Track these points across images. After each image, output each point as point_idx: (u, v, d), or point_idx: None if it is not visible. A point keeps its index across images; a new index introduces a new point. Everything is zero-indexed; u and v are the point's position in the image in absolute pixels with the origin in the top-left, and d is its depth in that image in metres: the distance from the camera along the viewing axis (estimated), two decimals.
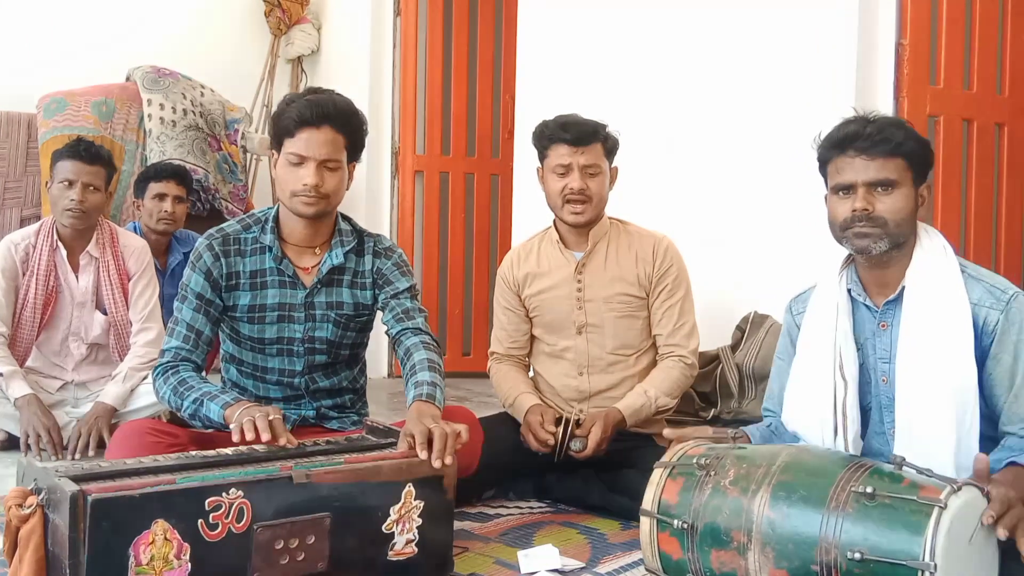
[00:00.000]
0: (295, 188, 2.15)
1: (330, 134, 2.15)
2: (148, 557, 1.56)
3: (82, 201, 2.99)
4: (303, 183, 2.14)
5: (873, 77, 2.99)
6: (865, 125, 1.89)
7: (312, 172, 2.14)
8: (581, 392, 2.62)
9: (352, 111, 2.22)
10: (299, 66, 5.27)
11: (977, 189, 3.22)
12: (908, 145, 1.88)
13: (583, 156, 2.53)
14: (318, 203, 2.17)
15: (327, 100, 2.17)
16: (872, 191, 1.87)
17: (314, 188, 2.14)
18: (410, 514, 1.86)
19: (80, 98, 4.18)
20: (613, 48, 3.68)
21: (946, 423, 1.81)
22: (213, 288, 2.22)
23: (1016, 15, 3.29)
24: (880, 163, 1.86)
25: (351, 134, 2.21)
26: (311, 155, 2.14)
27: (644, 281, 2.60)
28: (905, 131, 1.90)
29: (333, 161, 2.17)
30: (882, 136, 1.86)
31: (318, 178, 2.14)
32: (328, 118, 2.15)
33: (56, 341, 3.13)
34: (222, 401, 2.06)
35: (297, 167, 2.15)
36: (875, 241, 1.88)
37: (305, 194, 2.15)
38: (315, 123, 2.13)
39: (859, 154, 1.87)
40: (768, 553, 1.63)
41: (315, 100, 2.16)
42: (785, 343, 2.16)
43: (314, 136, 2.14)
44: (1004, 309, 1.83)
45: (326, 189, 2.16)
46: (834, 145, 1.92)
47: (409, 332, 2.25)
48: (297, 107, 2.15)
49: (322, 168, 2.15)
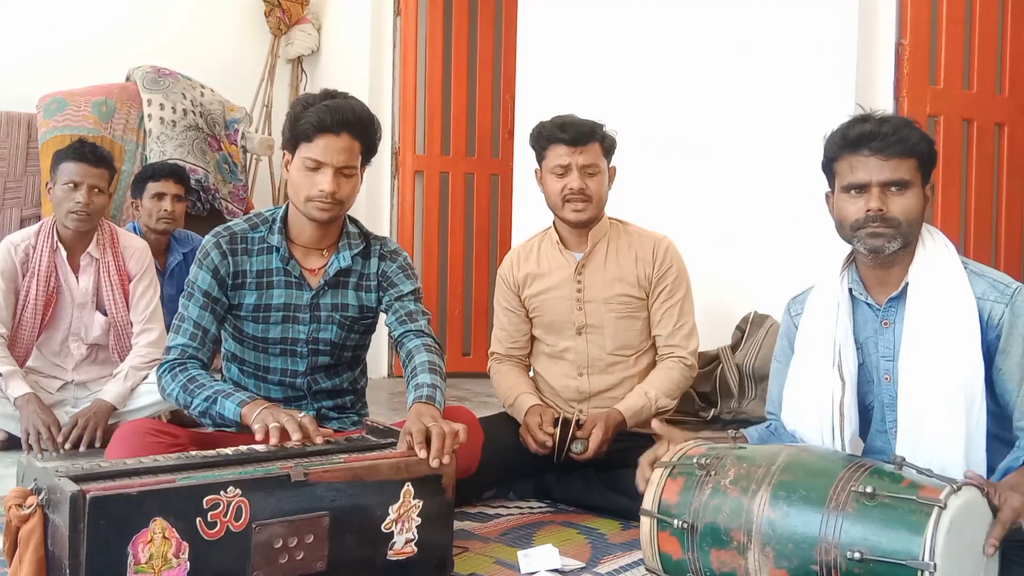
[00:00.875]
0: (311, 193, 2.15)
1: (348, 141, 2.14)
2: (147, 555, 1.56)
3: (88, 204, 2.99)
4: (320, 189, 2.13)
5: (873, 77, 2.99)
6: (880, 124, 1.87)
7: (330, 179, 2.13)
8: (581, 393, 2.62)
9: (369, 118, 2.21)
10: (299, 66, 5.27)
11: (977, 189, 3.22)
12: (921, 145, 1.88)
13: (581, 156, 2.53)
14: (333, 209, 2.17)
15: (346, 107, 2.15)
16: (886, 191, 1.86)
17: (331, 195, 2.13)
18: (409, 513, 1.86)
19: (80, 98, 4.18)
20: (613, 48, 3.68)
21: (954, 418, 1.81)
22: (220, 286, 2.21)
23: (1016, 15, 3.29)
24: (895, 163, 1.85)
25: (367, 140, 2.20)
26: (329, 162, 2.13)
27: (644, 282, 2.60)
28: (917, 131, 1.89)
29: (349, 168, 2.16)
30: (898, 136, 1.85)
31: (335, 185, 2.13)
32: (347, 125, 2.13)
33: (56, 342, 3.13)
34: (238, 399, 2.06)
35: (314, 172, 2.14)
36: (888, 241, 1.87)
37: (321, 200, 2.14)
38: (334, 130, 2.12)
39: (874, 154, 1.86)
40: (768, 553, 1.63)
41: (335, 107, 2.13)
42: (783, 345, 2.15)
43: (333, 143, 2.12)
44: (1009, 302, 1.83)
45: (341, 195, 2.16)
46: (848, 143, 1.90)
47: (412, 334, 2.25)
48: (316, 112, 2.12)
49: (339, 175, 2.14)
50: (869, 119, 1.90)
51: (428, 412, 1.99)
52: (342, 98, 2.19)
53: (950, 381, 1.82)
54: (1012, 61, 3.28)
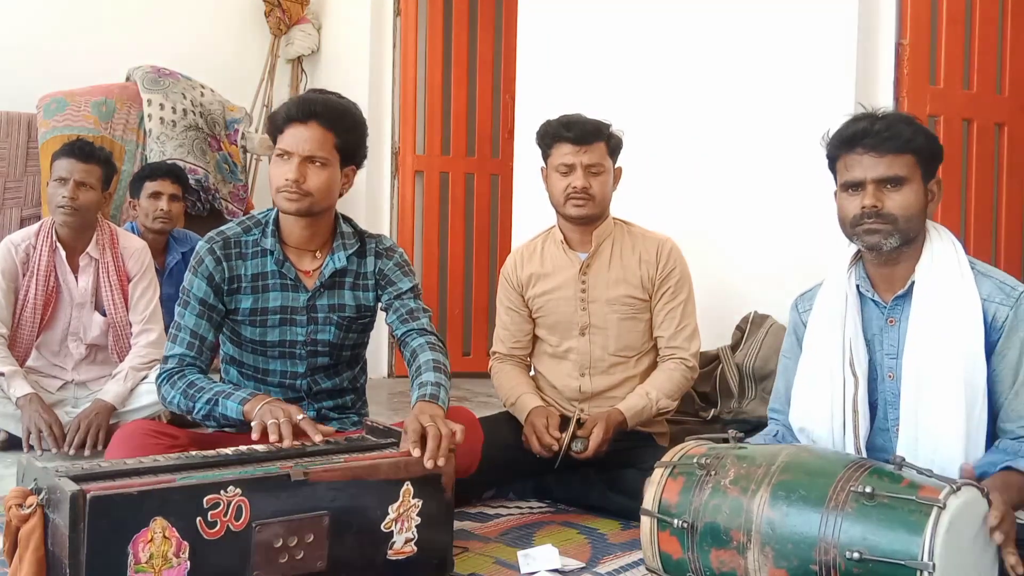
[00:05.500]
0: (278, 183, 2.16)
1: (316, 130, 2.14)
2: (147, 555, 1.56)
3: (73, 198, 2.99)
4: (285, 178, 2.13)
5: (873, 77, 2.99)
6: (874, 122, 1.88)
7: (295, 167, 2.13)
8: (582, 393, 2.62)
9: (343, 109, 2.21)
10: (299, 66, 5.27)
11: (977, 189, 3.22)
12: (917, 141, 1.88)
13: (586, 155, 2.53)
14: (300, 200, 2.15)
15: (317, 98, 2.19)
16: (881, 188, 1.87)
17: (294, 183, 2.12)
18: (408, 513, 1.86)
19: (80, 98, 4.18)
20: (613, 48, 3.68)
21: (955, 417, 1.81)
22: (215, 293, 2.21)
23: (1016, 15, 3.29)
24: (889, 160, 1.86)
25: (342, 133, 2.18)
26: (295, 150, 2.14)
27: (647, 283, 2.60)
28: (914, 127, 1.89)
29: (319, 158, 2.15)
30: (891, 133, 1.86)
31: (299, 173, 2.13)
32: (315, 115, 2.14)
33: (55, 341, 3.13)
34: (239, 398, 2.06)
35: (282, 162, 2.15)
36: (885, 238, 1.88)
37: (287, 189, 2.14)
38: (302, 119, 2.14)
39: (868, 151, 1.87)
40: (767, 552, 1.63)
41: (304, 97, 2.19)
42: (791, 342, 2.15)
43: (299, 132, 2.14)
44: (1014, 305, 1.84)
45: (308, 186, 2.14)
46: (843, 142, 1.91)
47: (415, 333, 2.25)
48: (287, 105, 2.18)
49: (305, 164, 2.14)
50: (865, 117, 1.91)
51: (430, 411, 1.98)
52: (320, 93, 2.23)
53: (953, 381, 1.82)
54: (1012, 61, 3.28)
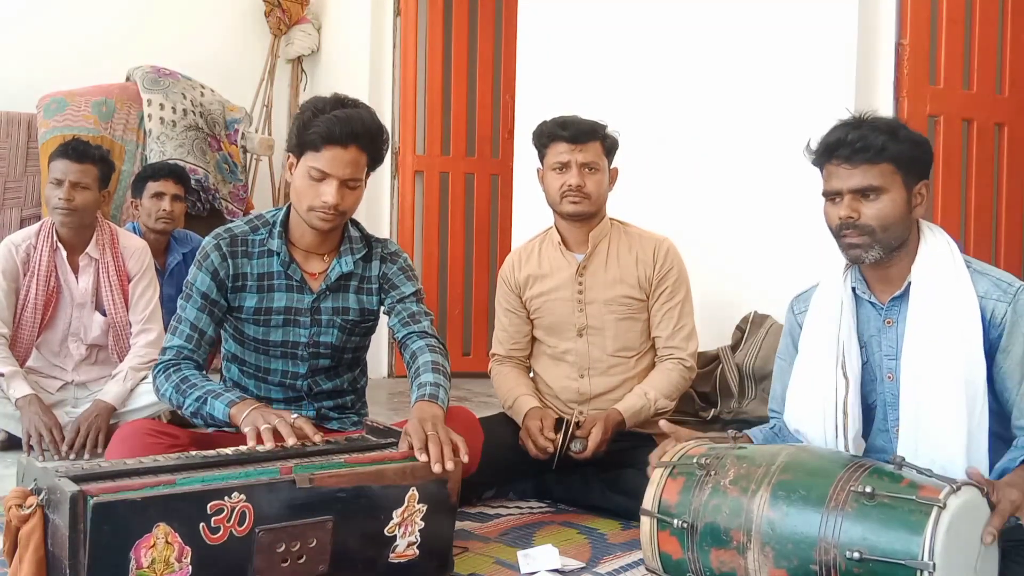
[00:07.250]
0: (313, 203, 2.13)
1: (355, 154, 2.12)
2: (149, 560, 1.56)
3: (69, 199, 2.99)
4: (323, 200, 2.11)
5: (873, 77, 2.99)
6: (847, 132, 1.87)
7: (334, 191, 2.11)
8: (581, 394, 2.62)
9: (379, 130, 2.18)
10: (299, 66, 5.27)
11: (977, 189, 3.22)
12: (892, 150, 1.85)
13: (581, 153, 2.53)
14: (335, 220, 2.16)
15: (357, 119, 2.11)
16: (857, 198, 1.87)
17: (334, 207, 2.12)
18: (413, 517, 1.86)
19: (80, 98, 4.18)
20: (613, 48, 3.68)
21: (956, 417, 1.81)
22: (219, 288, 2.21)
23: (1016, 15, 3.29)
24: (863, 171, 1.85)
25: (374, 152, 2.18)
26: (335, 174, 2.11)
27: (644, 283, 2.60)
28: (889, 135, 1.86)
29: (354, 180, 2.15)
30: (863, 144, 1.84)
31: (338, 198, 2.11)
32: (356, 137, 2.11)
33: (55, 342, 3.13)
34: (227, 399, 2.05)
35: (318, 183, 2.12)
36: (865, 251, 1.88)
37: (323, 211, 2.12)
38: (342, 142, 2.09)
39: (842, 162, 1.87)
40: (767, 552, 1.63)
41: (345, 118, 2.09)
42: (787, 343, 2.15)
43: (340, 155, 2.10)
44: (1012, 301, 1.83)
45: (344, 207, 2.14)
46: (822, 152, 1.92)
47: (415, 335, 2.24)
48: (326, 123, 2.09)
49: (343, 187, 2.12)
50: (843, 126, 1.90)
51: (430, 411, 1.98)
52: (352, 106, 2.16)
53: (952, 380, 1.82)
54: (1012, 61, 3.28)
